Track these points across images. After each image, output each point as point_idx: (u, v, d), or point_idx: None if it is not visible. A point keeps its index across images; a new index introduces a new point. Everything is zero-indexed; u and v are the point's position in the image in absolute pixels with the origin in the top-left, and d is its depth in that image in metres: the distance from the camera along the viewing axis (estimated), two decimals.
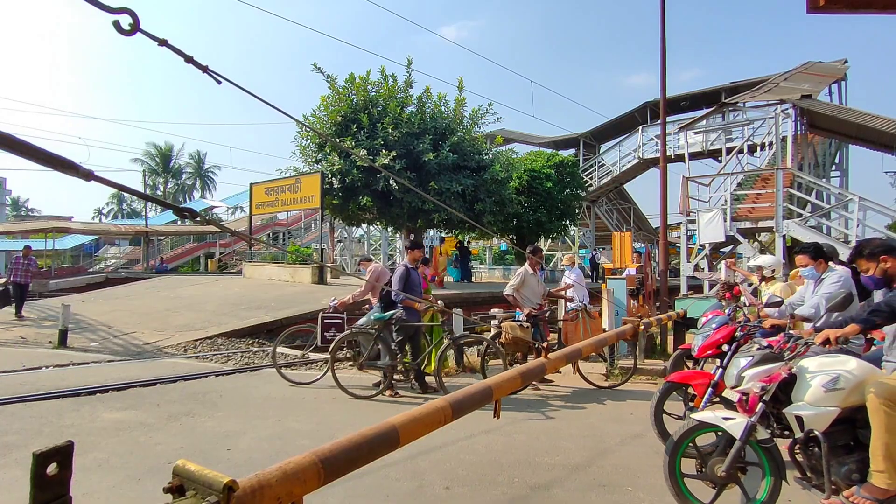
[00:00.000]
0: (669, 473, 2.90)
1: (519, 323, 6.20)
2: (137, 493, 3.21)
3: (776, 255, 10.04)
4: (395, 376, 5.86)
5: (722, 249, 13.98)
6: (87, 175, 1.11)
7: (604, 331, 6.90)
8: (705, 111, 20.86)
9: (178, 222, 38.94)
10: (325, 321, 6.41)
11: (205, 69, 1.79)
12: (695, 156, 20.65)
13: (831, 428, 2.61)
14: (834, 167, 20.46)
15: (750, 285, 6.77)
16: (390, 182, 13.99)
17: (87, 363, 7.58)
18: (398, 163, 13.92)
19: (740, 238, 12.26)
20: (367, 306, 6.60)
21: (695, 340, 4.68)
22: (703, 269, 12.38)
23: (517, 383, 2.03)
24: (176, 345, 9.30)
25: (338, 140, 14.73)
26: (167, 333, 10.11)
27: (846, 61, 20.83)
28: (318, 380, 6.36)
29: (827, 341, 2.77)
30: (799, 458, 2.71)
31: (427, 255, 7.44)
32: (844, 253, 6.40)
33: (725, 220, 11.87)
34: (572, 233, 27.73)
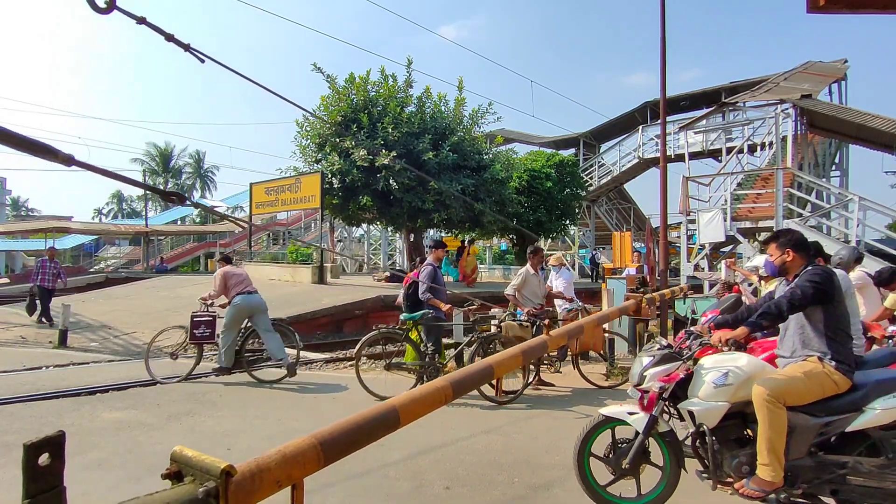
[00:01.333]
0: (578, 466, 3.01)
1: (519, 322, 6.20)
2: (137, 493, 3.20)
3: None
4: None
5: (722, 249, 13.97)
6: (68, 160, 1.10)
7: (604, 330, 6.90)
8: (705, 111, 20.85)
9: (179, 222, 38.93)
10: (195, 319, 6.45)
11: (186, 48, 1.78)
12: (695, 155, 20.63)
13: (724, 422, 2.73)
14: (834, 167, 20.43)
15: (750, 285, 6.77)
16: (390, 182, 13.99)
17: (87, 363, 7.59)
18: (398, 162, 13.93)
19: (740, 238, 12.26)
20: (222, 305, 6.48)
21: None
22: (703, 268, 12.37)
23: (518, 361, 2.02)
24: (176, 344, 9.29)
25: (338, 140, 14.73)
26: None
27: (846, 61, 20.81)
28: (181, 377, 6.34)
29: (720, 342, 2.88)
30: (700, 451, 2.81)
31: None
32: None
33: (725, 220, 11.86)
34: (572, 232, 27.71)
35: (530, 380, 5.89)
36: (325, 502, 3.16)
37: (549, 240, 24.11)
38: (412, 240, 17.45)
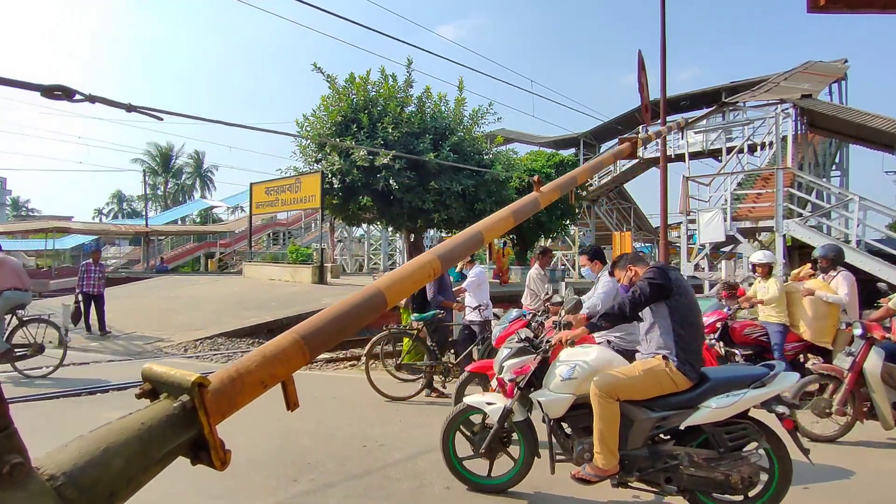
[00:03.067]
0: (444, 451, 3.28)
1: None
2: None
3: (776, 254, 10.04)
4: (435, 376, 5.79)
5: (722, 249, 13.97)
6: None
7: None
8: (705, 111, 20.86)
9: (179, 222, 38.92)
10: None
11: None
12: (695, 155, 20.63)
13: (574, 412, 2.92)
14: (834, 167, 20.44)
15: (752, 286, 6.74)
16: (390, 182, 13.98)
17: (87, 363, 7.58)
18: (398, 162, 13.91)
19: (740, 238, 12.25)
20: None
21: (494, 331, 4.80)
22: (703, 268, 12.37)
23: (509, 222, 1.96)
24: (176, 344, 9.31)
25: (338, 140, 14.71)
26: (167, 333, 10.11)
27: (846, 61, 20.82)
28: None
29: (560, 341, 3.03)
30: (553, 438, 3.02)
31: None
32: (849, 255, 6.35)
33: (725, 220, 11.85)
34: (572, 232, 27.72)
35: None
36: (325, 502, 3.16)
37: (550, 240, 24.11)
38: (412, 240, 17.44)
